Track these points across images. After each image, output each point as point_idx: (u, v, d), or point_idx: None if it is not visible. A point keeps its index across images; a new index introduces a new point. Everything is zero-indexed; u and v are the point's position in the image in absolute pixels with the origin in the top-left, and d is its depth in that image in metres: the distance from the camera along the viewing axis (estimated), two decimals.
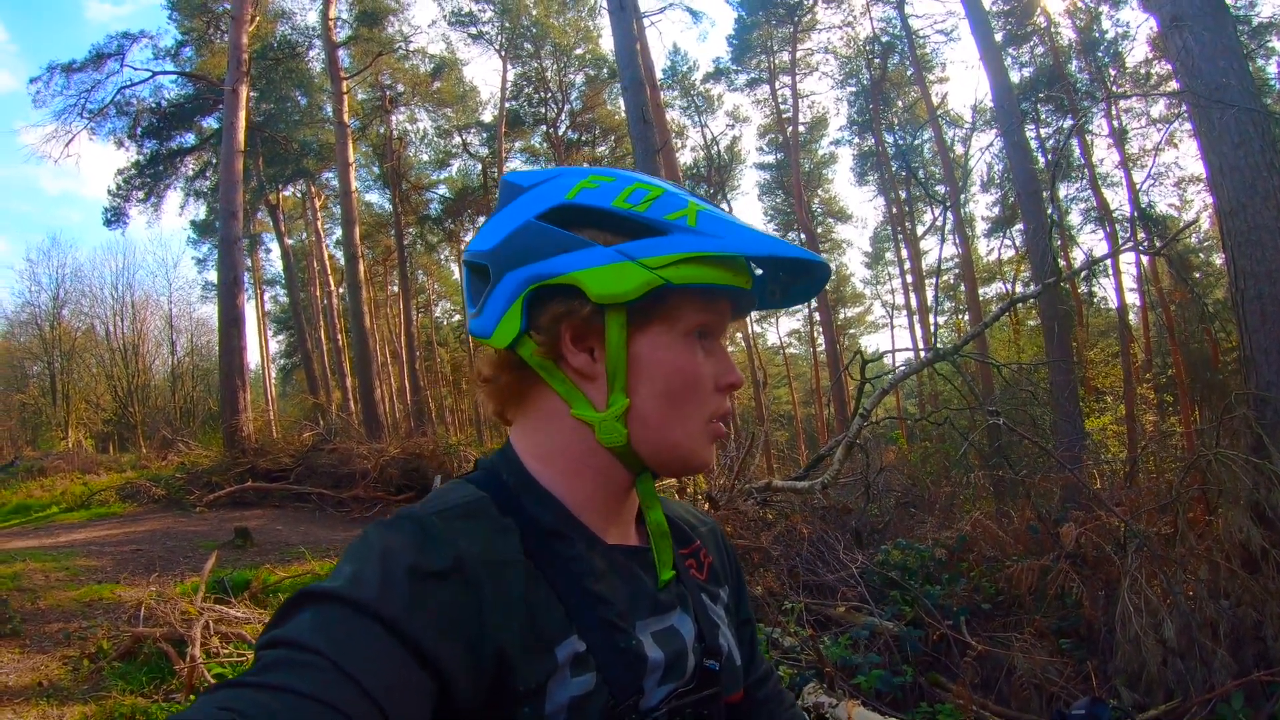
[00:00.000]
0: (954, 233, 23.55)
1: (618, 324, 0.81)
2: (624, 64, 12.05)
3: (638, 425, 0.83)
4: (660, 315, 0.82)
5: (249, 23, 17.31)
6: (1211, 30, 5.78)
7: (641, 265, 0.79)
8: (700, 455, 0.86)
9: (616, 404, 0.82)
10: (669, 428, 0.83)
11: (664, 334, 0.83)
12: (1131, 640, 3.68)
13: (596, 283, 0.79)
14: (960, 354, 7.46)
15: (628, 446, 0.83)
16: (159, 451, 17.53)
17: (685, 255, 0.79)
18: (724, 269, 0.81)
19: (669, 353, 0.83)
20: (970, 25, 14.17)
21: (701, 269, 0.80)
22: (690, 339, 0.84)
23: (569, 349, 0.83)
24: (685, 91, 32.82)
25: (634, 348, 0.82)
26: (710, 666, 0.87)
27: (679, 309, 0.83)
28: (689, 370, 0.83)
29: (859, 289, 41.82)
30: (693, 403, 0.84)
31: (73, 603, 6.41)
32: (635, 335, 0.82)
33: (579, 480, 0.85)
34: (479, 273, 0.87)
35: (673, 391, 0.83)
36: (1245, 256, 5.43)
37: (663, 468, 0.86)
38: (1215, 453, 4.36)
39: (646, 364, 0.82)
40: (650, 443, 0.83)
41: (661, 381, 0.82)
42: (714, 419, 0.87)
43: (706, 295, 0.83)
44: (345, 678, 0.59)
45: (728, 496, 6.85)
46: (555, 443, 0.85)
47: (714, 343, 0.88)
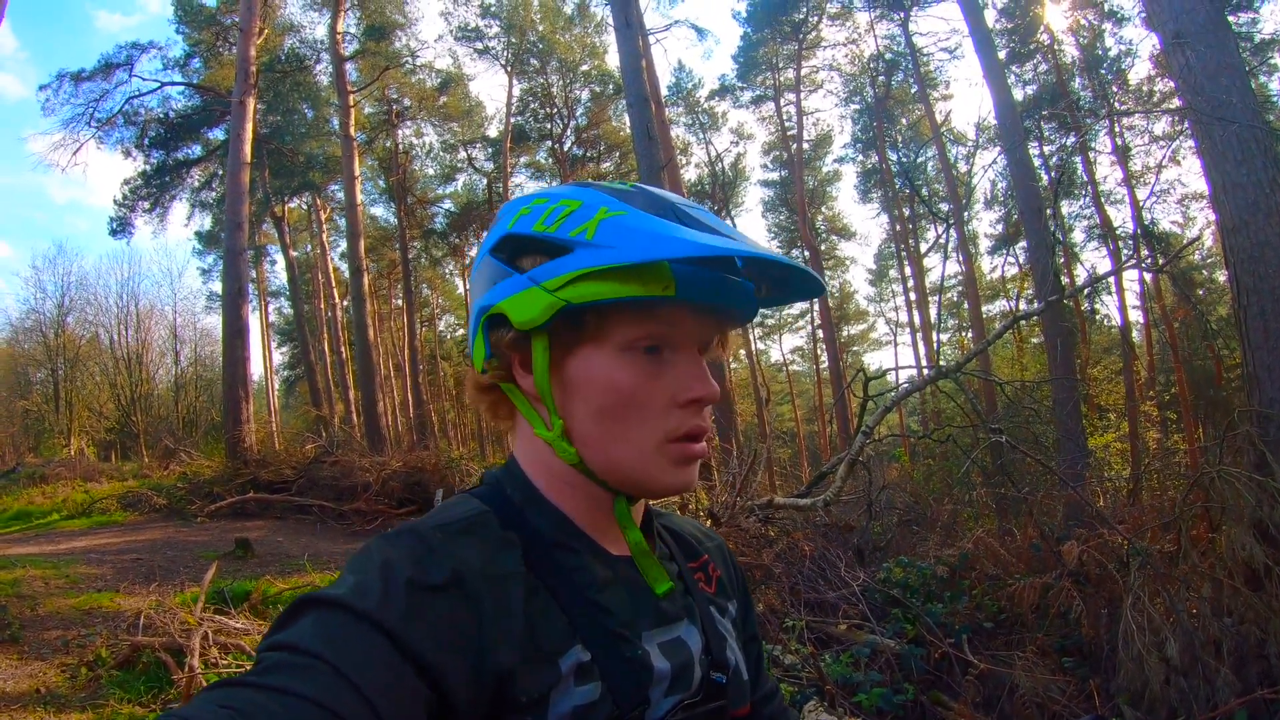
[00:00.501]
0: (957, 250, 23.63)
1: (541, 347, 0.81)
2: (629, 81, 12.12)
3: (581, 445, 0.82)
4: (587, 334, 0.81)
5: (257, 35, 17.41)
6: (1214, 47, 5.81)
7: (543, 289, 0.78)
8: (660, 478, 0.82)
9: (556, 424, 0.82)
10: (610, 447, 0.82)
11: (595, 351, 0.81)
12: (1134, 658, 3.66)
13: (514, 311, 0.80)
14: (963, 372, 7.45)
15: (583, 465, 0.83)
16: (161, 461, 17.54)
17: (578, 273, 0.77)
18: (627, 281, 0.76)
19: (600, 371, 0.81)
20: (974, 43, 14.26)
21: (599, 284, 0.76)
22: (629, 355, 0.81)
23: (519, 373, 0.84)
24: (690, 108, 32.95)
25: (566, 368, 0.82)
26: (717, 679, 0.87)
27: (607, 326, 0.80)
28: (621, 387, 0.80)
29: (863, 306, 41.90)
30: (635, 421, 0.81)
31: (72, 610, 6.39)
32: (566, 356, 0.82)
33: (572, 493, 0.85)
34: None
35: (606, 410, 0.81)
36: (1248, 273, 5.43)
37: (624, 488, 0.84)
38: (1218, 470, 4.34)
39: (578, 384, 0.82)
40: (599, 462, 0.82)
41: (594, 400, 0.81)
42: (676, 438, 0.82)
43: (641, 308, 0.79)
44: (345, 683, 0.60)
45: (730, 513, 6.83)
46: (544, 458, 0.86)
47: (678, 355, 0.83)
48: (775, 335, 44.44)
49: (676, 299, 0.78)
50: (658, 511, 1.02)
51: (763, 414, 30.05)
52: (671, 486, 0.83)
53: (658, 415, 0.81)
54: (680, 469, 0.83)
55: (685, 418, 0.82)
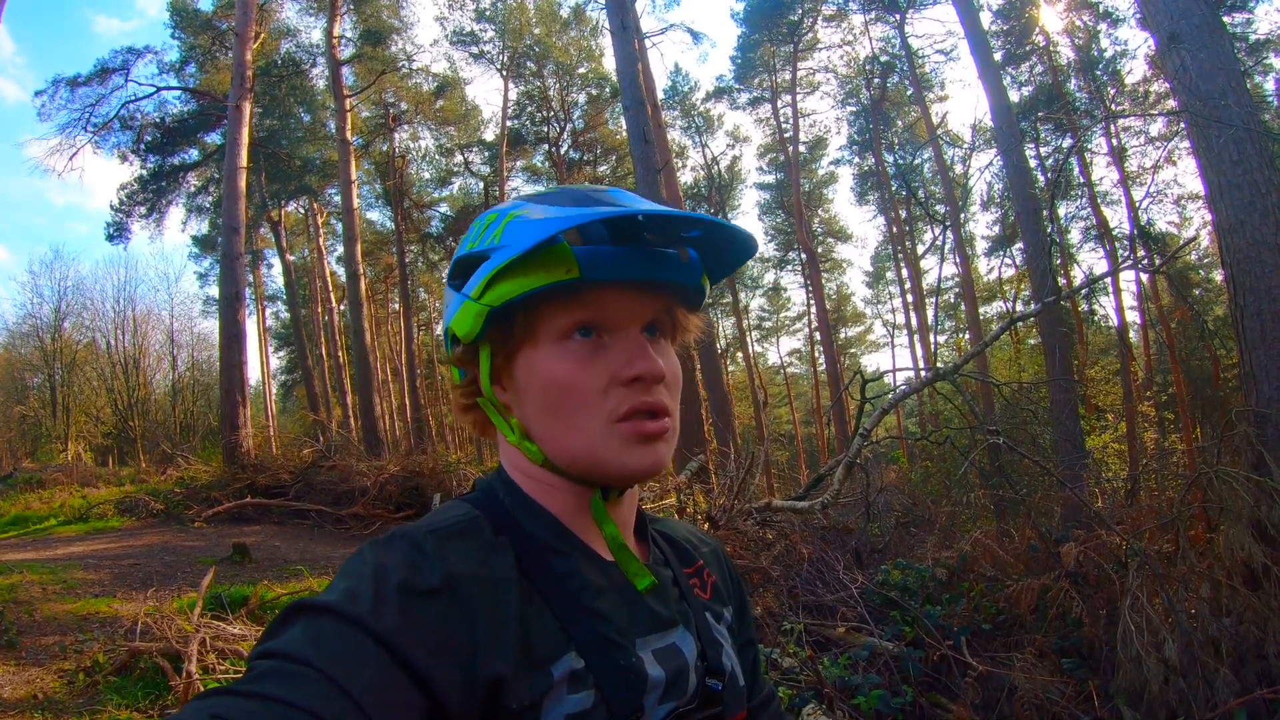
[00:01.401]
0: (954, 252, 23.61)
1: (484, 357, 0.85)
2: (625, 84, 12.14)
3: (539, 442, 0.84)
4: (521, 336, 0.82)
5: (253, 40, 17.43)
6: (1209, 48, 5.82)
7: (471, 299, 0.82)
8: (619, 460, 0.81)
9: (514, 426, 0.86)
10: (562, 439, 0.82)
11: (532, 351, 0.82)
12: (1133, 659, 3.66)
13: (457, 327, 0.84)
14: (960, 373, 7.46)
15: (549, 463, 0.84)
16: (158, 466, 17.52)
17: (489, 275, 0.80)
18: (531, 273, 0.78)
19: (537, 366, 0.82)
20: (969, 44, 14.26)
21: (508, 283, 0.79)
22: (564, 344, 0.81)
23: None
24: (686, 111, 33.05)
25: (513, 373, 0.85)
26: (713, 686, 0.86)
27: (535, 323, 0.82)
28: (559, 378, 0.81)
29: (860, 308, 42.02)
30: (578, 407, 0.81)
31: (69, 616, 6.38)
32: (510, 361, 0.85)
33: (555, 495, 0.86)
34: None
35: (548, 404, 0.82)
36: (1245, 273, 5.44)
37: (590, 479, 0.84)
38: (1216, 470, 4.34)
39: (523, 385, 0.84)
40: (557, 456, 0.83)
41: (536, 397, 0.82)
42: (622, 417, 0.81)
43: (565, 298, 0.80)
44: (337, 690, 0.59)
45: (728, 516, 6.83)
46: (520, 466, 0.87)
47: (617, 336, 0.83)
48: (773, 338, 44.51)
49: (588, 280, 0.78)
50: (653, 517, 1.02)
51: (760, 416, 30.05)
52: (635, 468, 0.81)
53: (600, 397, 0.81)
54: (639, 448, 0.81)
55: (629, 395, 0.81)
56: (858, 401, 7.67)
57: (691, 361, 12.80)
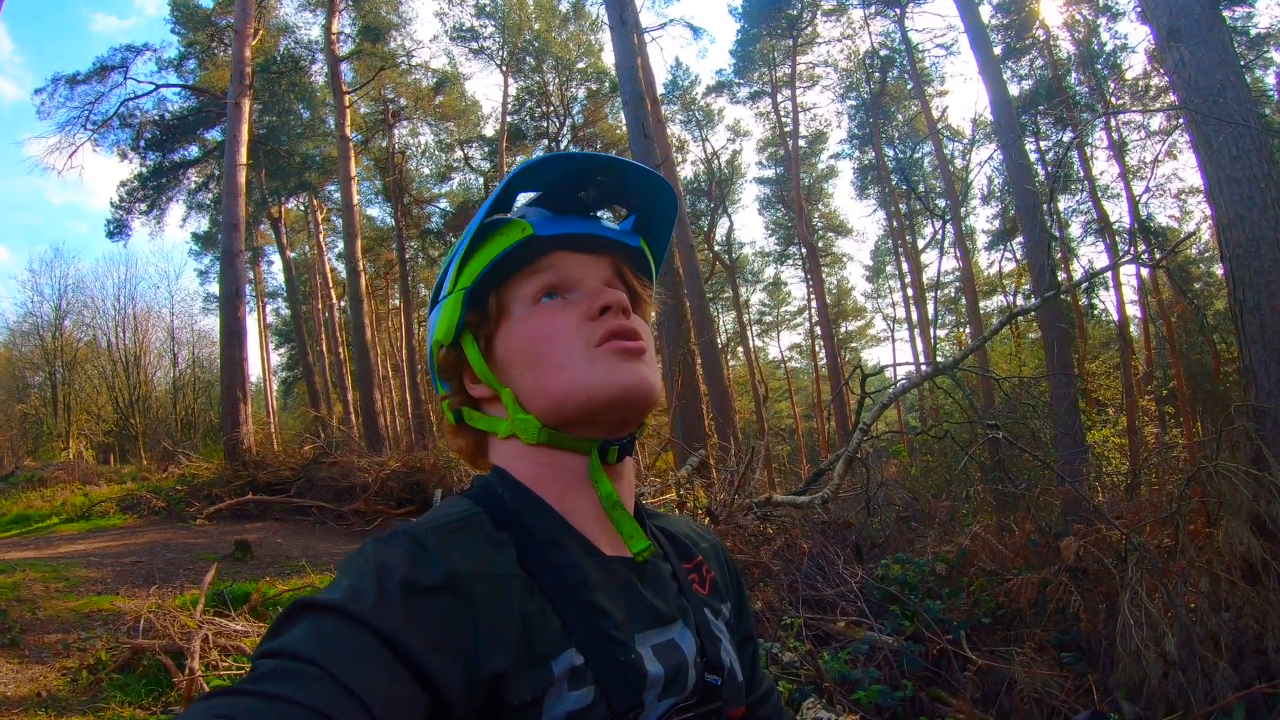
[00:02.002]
0: (954, 246, 23.63)
1: (469, 343, 0.90)
2: (625, 79, 12.13)
3: (531, 403, 0.87)
4: (496, 315, 0.89)
5: (252, 37, 17.40)
6: (1208, 42, 5.80)
7: (447, 295, 0.90)
8: (605, 381, 0.84)
9: (506, 398, 0.88)
10: (547, 384, 0.85)
11: (508, 324, 0.89)
12: (1132, 653, 3.66)
13: (439, 331, 0.91)
14: (960, 368, 7.45)
15: (546, 430, 0.86)
16: (160, 463, 17.49)
17: (459, 261, 0.89)
18: (492, 243, 0.88)
19: (515, 331, 0.88)
20: (969, 39, 14.22)
21: (476, 260, 0.88)
22: (535, 309, 0.88)
23: (472, 388, 0.92)
24: (686, 106, 32.97)
25: (496, 352, 0.89)
26: (712, 681, 0.86)
27: (505, 299, 0.89)
28: (534, 330, 0.87)
29: (860, 303, 41.98)
30: (556, 349, 0.86)
31: (72, 614, 6.40)
32: (492, 343, 0.90)
33: (554, 478, 0.87)
34: None
35: (531, 355, 0.86)
36: (1244, 268, 5.42)
37: (586, 424, 0.86)
38: (1215, 465, 4.34)
39: (506, 354, 0.88)
40: (548, 408, 0.86)
41: (520, 355, 0.87)
42: (600, 342, 0.86)
43: (525, 269, 0.89)
44: (341, 689, 0.59)
45: (728, 511, 6.83)
46: (518, 466, 0.88)
47: (583, 291, 0.89)
48: (773, 332, 44.49)
49: (539, 239, 0.87)
50: (652, 511, 1.02)
51: (761, 411, 30.08)
52: (623, 383, 0.85)
53: (574, 334, 0.86)
54: (622, 364, 0.85)
55: (600, 324, 0.87)
56: (858, 396, 7.67)
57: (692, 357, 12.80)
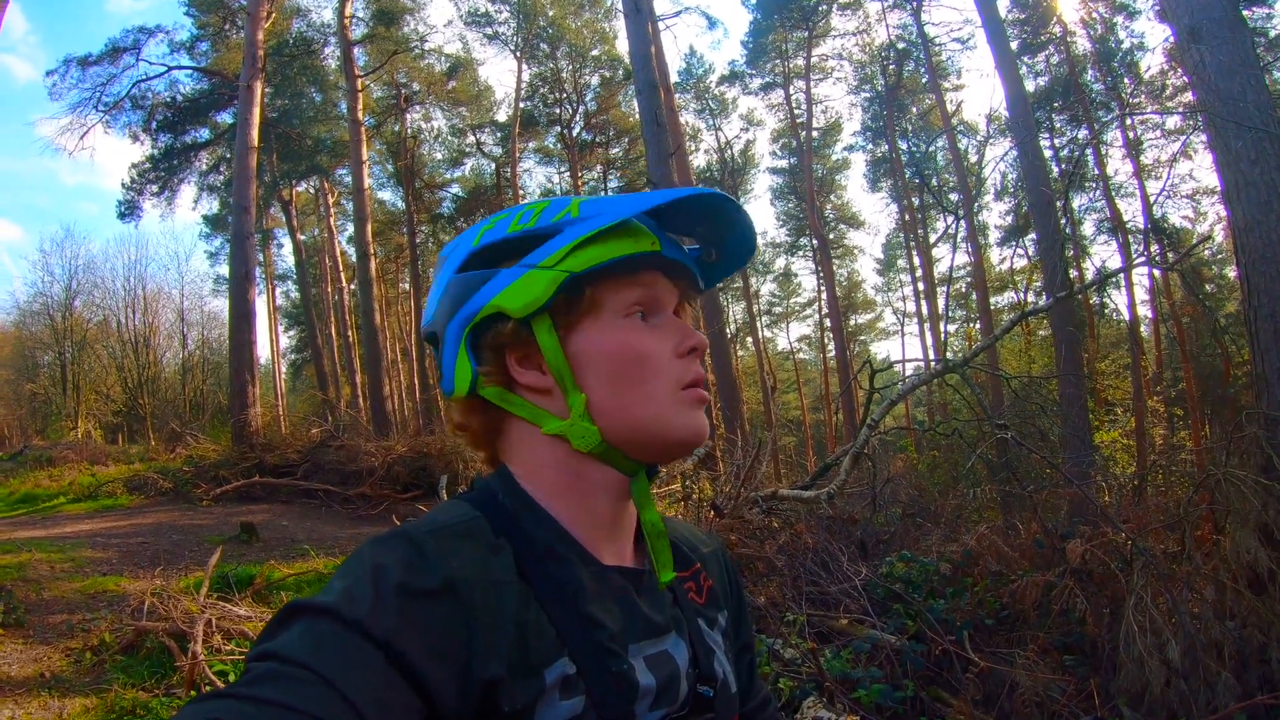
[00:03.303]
0: (966, 241, 23.51)
1: (545, 329, 0.83)
2: (638, 67, 12.09)
3: (603, 418, 0.83)
4: (584, 308, 0.84)
5: (265, 19, 17.42)
6: (1229, 45, 5.73)
7: (542, 268, 0.82)
8: (679, 423, 0.85)
9: (576, 403, 0.83)
10: (632, 408, 0.84)
11: (594, 324, 0.85)
12: (1135, 660, 3.65)
13: (512, 300, 0.82)
14: (970, 365, 7.42)
15: (604, 444, 0.83)
16: (168, 444, 17.59)
17: (576, 241, 0.82)
18: (619, 240, 0.84)
19: (604, 338, 0.84)
20: (986, 33, 14.15)
21: (596, 249, 0.83)
22: (627, 320, 0.85)
23: (517, 371, 0.86)
24: (699, 95, 32.92)
25: (572, 347, 0.84)
26: (704, 693, 0.86)
27: (600, 297, 0.85)
28: (630, 348, 0.84)
29: (870, 295, 41.89)
30: (649, 376, 0.84)
31: (77, 594, 6.44)
32: (570, 336, 0.84)
33: (570, 497, 0.85)
34: (434, 342, 0.92)
35: (621, 372, 0.84)
36: (1259, 274, 5.37)
37: (647, 452, 0.86)
38: (1224, 472, 4.31)
39: (588, 356, 0.84)
40: (621, 429, 0.84)
41: (607, 367, 0.84)
42: (684, 386, 0.86)
43: (625, 274, 0.86)
44: (334, 693, 0.59)
45: (733, 504, 6.83)
46: (538, 465, 0.86)
47: (664, 317, 0.89)
48: (782, 323, 44.45)
49: (656, 257, 0.86)
50: None
51: (769, 402, 30.04)
52: (693, 431, 0.87)
53: (667, 367, 0.86)
54: (695, 413, 0.87)
55: (688, 366, 0.87)
56: (866, 391, 7.64)
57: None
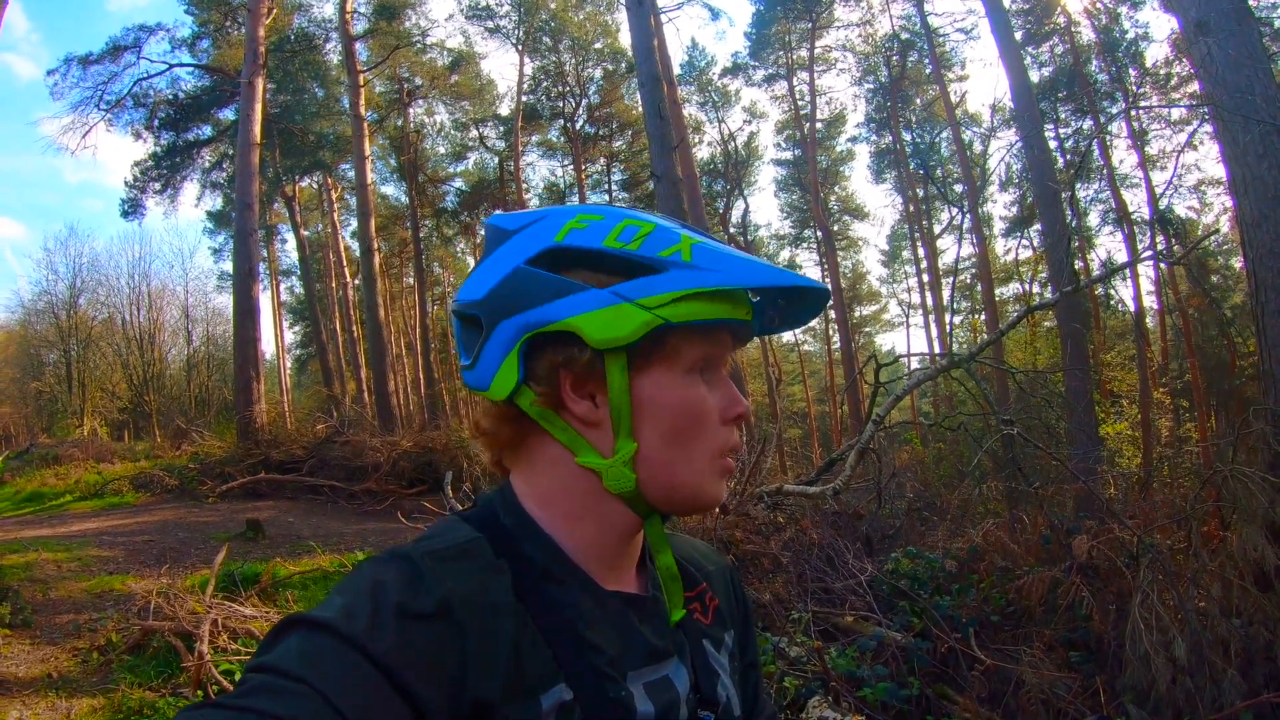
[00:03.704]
0: (971, 232, 23.45)
1: (619, 368, 0.78)
2: (641, 59, 12.02)
3: (645, 469, 0.80)
4: (661, 355, 0.80)
5: (265, 15, 17.41)
6: (1236, 38, 5.70)
7: (639, 306, 0.77)
8: (710, 493, 0.84)
9: (624, 449, 0.80)
10: (677, 468, 0.81)
11: (665, 373, 0.80)
12: (1141, 657, 3.64)
13: (594, 327, 0.76)
14: (976, 360, 7.41)
15: (636, 491, 0.81)
16: (173, 441, 17.64)
17: (684, 292, 0.77)
18: (723, 302, 0.79)
19: (672, 392, 0.80)
20: (990, 23, 14.10)
21: (700, 304, 0.78)
22: (693, 375, 0.82)
23: (570, 397, 0.80)
24: (702, 87, 32.78)
25: (636, 390, 0.80)
26: (705, 718, 0.85)
27: (679, 346, 0.80)
28: (694, 406, 0.81)
29: (875, 287, 41.74)
30: (699, 439, 0.82)
31: (84, 594, 6.46)
32: (636, 377, 0.80)
33: (580, 525, 0.83)
34: (470, 323, 0.85)
35: (679, 430, 0.81)
36: (1267, 269, 5.34)
37: (672, 508, 0.84)
38: (1231, 468, 4.29)
39: (651, 405, 0.80)
40: (659, 485, 0.81)
41: (667, 421, 0.80)
42: (723, 453, 0.84)
43: (706, 330, 0.81)
44: (329, 709, 0.59)
45: (738, 501, 6.82)
46: (556, 488, 0.83)
47: (716, 375, 0.85)
48: None
49: (737, 323, 0.82)
50: None
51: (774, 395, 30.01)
52: (717, 499, 0.86)
53: (713, 434, 0.84)
54: (721, 483, 0.85)
55: (729, 434, 0.85)
56: (871, 385, 7.63)
57: None
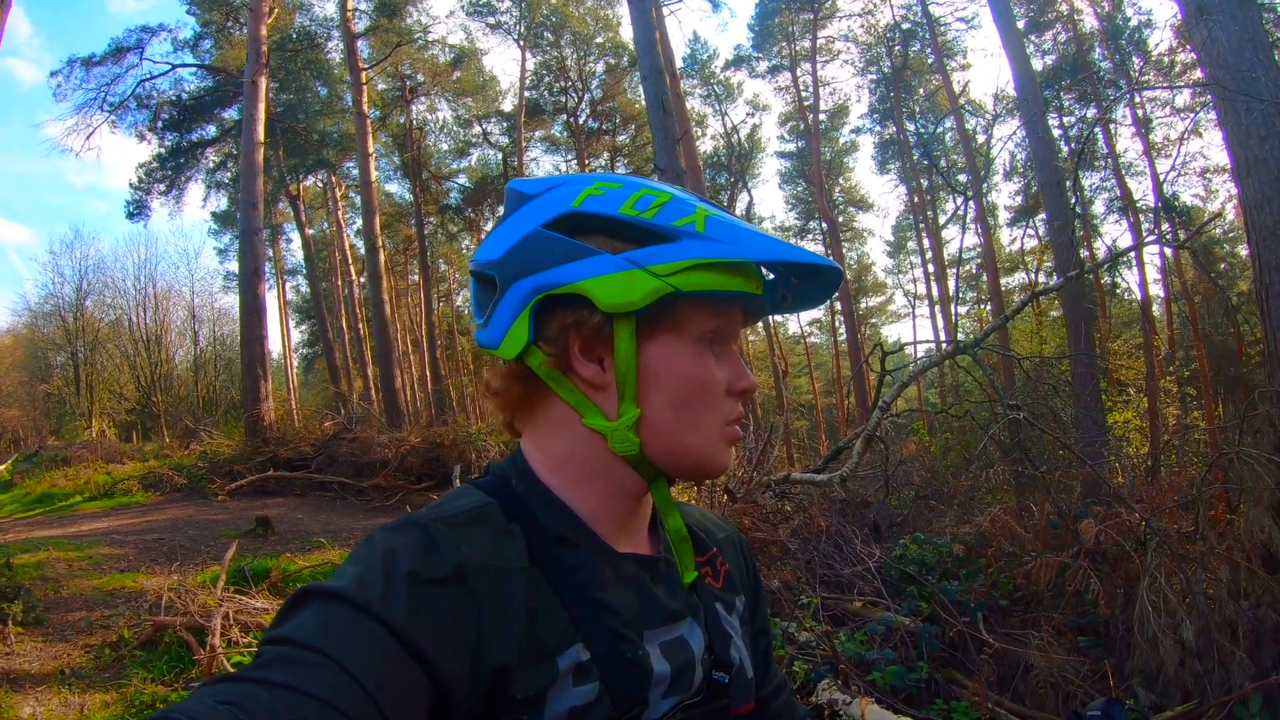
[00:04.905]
0: (976, 222, 23.41)
1: (627, 333, 0.80)
2: (643, 53, 11.99)
3: (650, 433, 0.82)
4: (669, 323, 0.81)
5: (267, 15, 17.41)
6: (1238, 19, 5.66)
7: (650, 273, 0.77)
8: (716, 460, 0.85)
9: (628, 414, 0.81)
10: (682, 434, 0.83)
11: (673, 341, 0.82)
12: (1149, 640, 3.65)
13: (605, 291, 0.78)
14: (981, 346, 7.39)
15: (641, 454, 0.82)
16: (182, 440, 17.67)
17: (695, 262, 0.78)
18: (734, 274, 0.80)
19: (679, 360, 0.82)
20: (992, 12, 14.00)
21: (711, 275, 0.79)
22: (700, 345, 0.83)
23: (578, 359, 0.82)
24: (705, 80, 32.71)
25: (643, 356, 0.81)
26: (719, 679, 0.86)
27: (689, 316, 0.82)
28: (700, 376, 0.82)
29: (880, 278, 41.63)
30: (705, 408, 0.83)
31: (95, 591, 6.49)
32: (644, 343, 0.81)
33: (590, 487, 0.84)
34: (486, 282, 0.86)
35: (684, 398, 0.82)
36: (1271, 252, 5.32)
37: (678, 474, 0.86)
38: (1238, 451, 4.28)
39: (657, 372, 0.81)
40: (664, 450, 0.83)
41: (673, 389, 0.82)
42: (729, 423, 0.86)
43: (717, 301, 0.82)
44: (347, 678, 0.60)
45: (746, 489, 6.84)
46: (566, 451, 0.85)
47: (725, 348, 0.86)
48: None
49: (749, 296, 0.83)
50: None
51: (780, 386, 29.98)
52: (725, 467, 0.88)
53: (720, 403, 0.85)
54: (728, 451, 0.87)
55: (735, 405, 0.87)
56: (877, 373, 7.62)
57: None
